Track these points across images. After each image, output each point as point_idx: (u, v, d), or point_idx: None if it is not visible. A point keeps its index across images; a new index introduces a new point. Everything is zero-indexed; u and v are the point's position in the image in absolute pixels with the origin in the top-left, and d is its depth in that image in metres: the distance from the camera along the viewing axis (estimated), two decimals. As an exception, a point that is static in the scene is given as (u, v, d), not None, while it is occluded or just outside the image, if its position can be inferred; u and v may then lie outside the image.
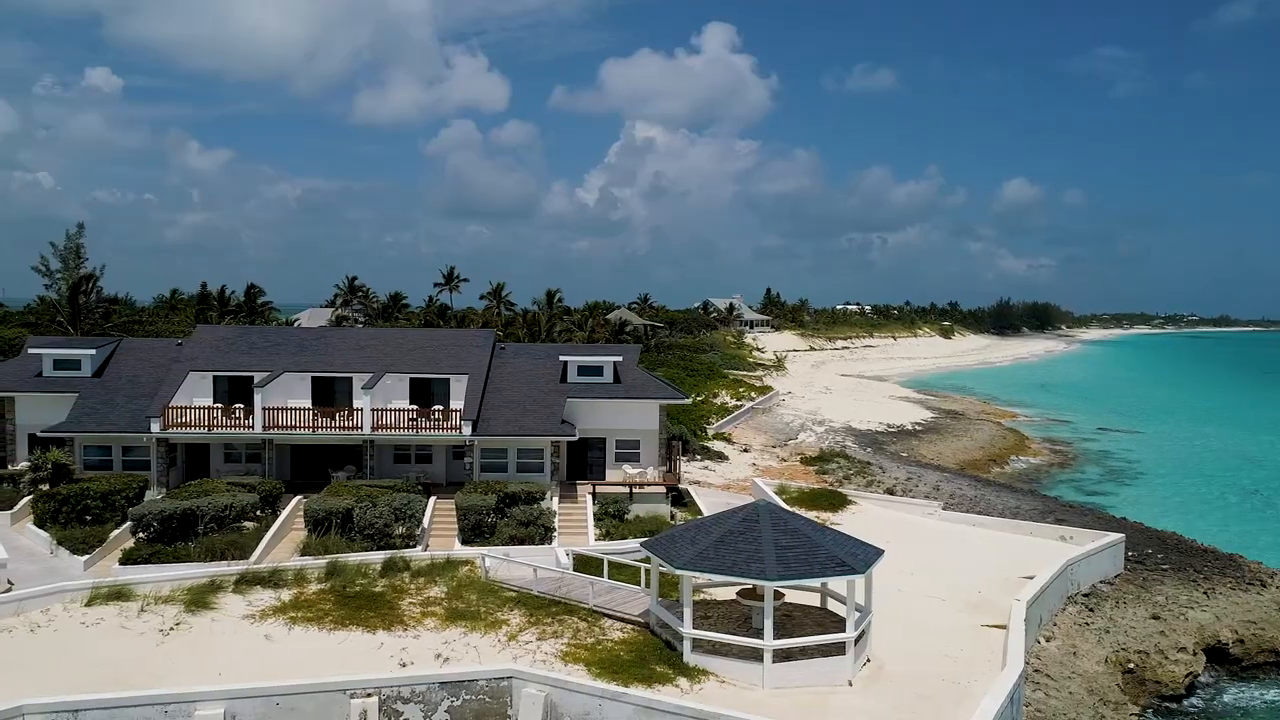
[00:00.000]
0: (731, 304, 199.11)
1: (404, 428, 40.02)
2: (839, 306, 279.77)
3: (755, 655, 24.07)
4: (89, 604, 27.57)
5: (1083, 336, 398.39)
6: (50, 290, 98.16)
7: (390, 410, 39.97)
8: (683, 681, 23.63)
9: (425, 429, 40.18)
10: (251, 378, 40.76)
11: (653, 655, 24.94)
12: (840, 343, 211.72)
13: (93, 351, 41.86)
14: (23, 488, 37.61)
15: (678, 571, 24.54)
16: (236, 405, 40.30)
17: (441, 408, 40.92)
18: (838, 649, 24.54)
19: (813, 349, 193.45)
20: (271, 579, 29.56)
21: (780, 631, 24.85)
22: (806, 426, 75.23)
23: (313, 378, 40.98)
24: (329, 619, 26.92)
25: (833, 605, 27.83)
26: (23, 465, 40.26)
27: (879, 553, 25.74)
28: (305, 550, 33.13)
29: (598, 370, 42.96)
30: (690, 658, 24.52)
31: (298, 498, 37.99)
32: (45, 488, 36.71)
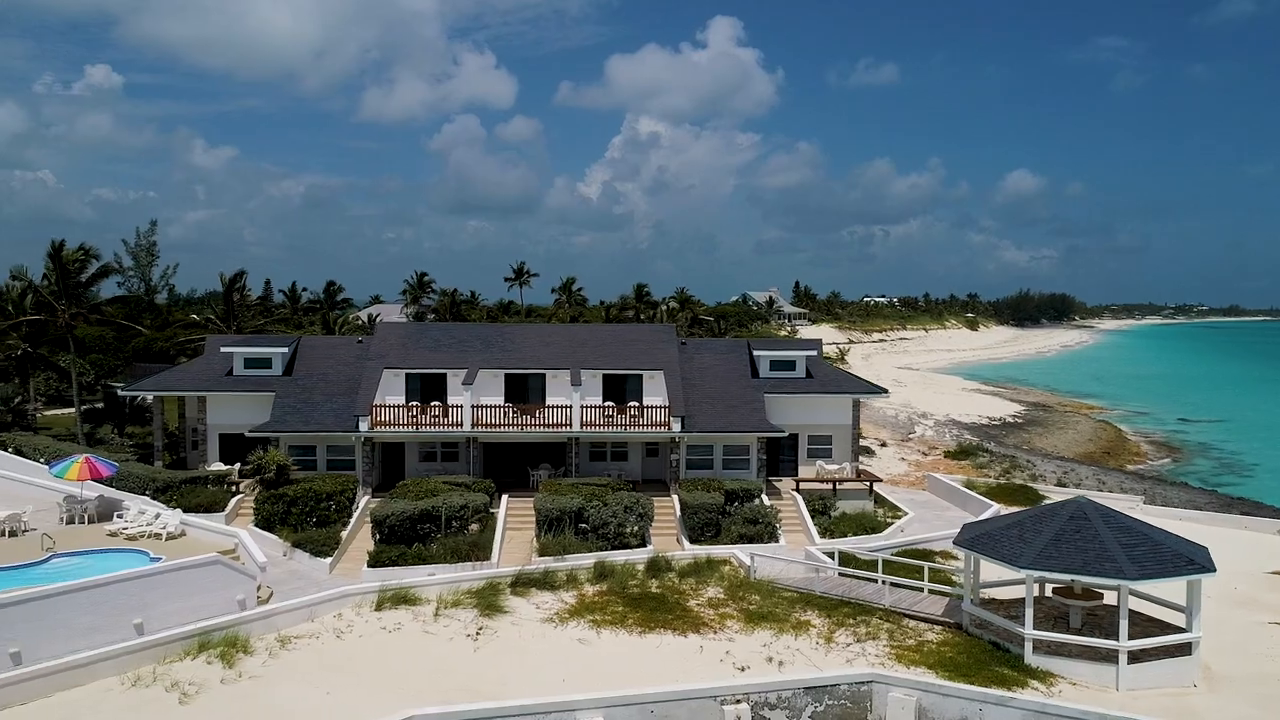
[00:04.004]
0: (770, 297, 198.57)
1: (601, 424, 39.35)
2: (865, 298, 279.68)
3: (1101, 656, 23.47)
4: (378, 608, 26.94)
5: (1101, 327, 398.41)
6: (122, 288, 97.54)
7: (587, 407, 39.28)
8: (1036, 684, 22.99)
9: (620, 425, 39.50)
10: (444, 375, 40.10)
11: (987, 657, 24.29)
12: (876, 335, 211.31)
13: (284, 350, 41.13)
14: (234, 489, 36.95)
15: (1022, 572, 23.86)
16: (434, 403, 39.61)
17: (636, 403, 40.25)
18: (1180, 649, 23.98)
19: (851, 342, 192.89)
20: (545, 581, 28.93)
21: (1094, 632, 24.38)
22: (915, 420, 74.61)
23: (505, 374, 40.27)
24: (630, 621, 26.26)
25: (1131, 603, 27.23)
26: (216, 466, 39.57)
27: (1206, 549, 25.14)
28: (544, 551, 32.45)
29: (790, 365, 42.32)
30: (1031, 659, 23.90)
31: (505, 496, 37.36)
32: (257, 489, 36.02)
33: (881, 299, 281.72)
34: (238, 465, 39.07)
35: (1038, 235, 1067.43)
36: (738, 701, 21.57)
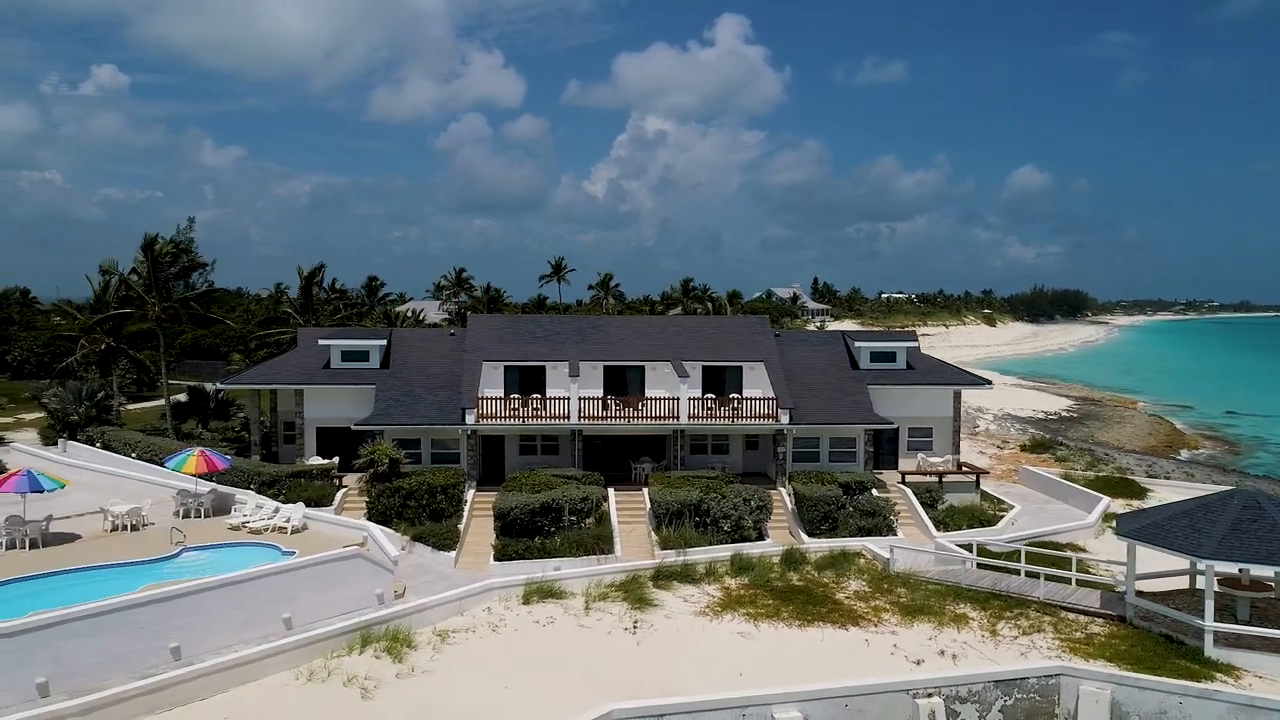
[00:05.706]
0: (794, 293, 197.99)
1: (705, 417, 38.82)
2: (882, 294, 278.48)
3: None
4: (525, 602, 26.45)
5: (1115, 323, 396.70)
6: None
7: (693, 399, 38.73)
8: (1222, 677, 22.44)
9: (725, 418, 38.96)
10: (542, 367, 39.60)
11: (1163, 650, 23.73)
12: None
13: (382, 343, 40.63)
14: (338, 482, 36.46)
15: (1203, 562, 23.30)
16: (534, 395, 39.11)
17: (736, 395, 39.70)
18: (1361, 641, 23.42)
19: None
20: (685, 574, 28.44)
21: (1262, 623, 23.86)
22: (973, 415, 74.00)
23: (604, 366, 39.76)
24: (785, 615, 25.75)
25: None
26: (315, 460, 39.06)
27: (1382, 540, 24.54)
28: (666, 544, 31.89)
29: (890, 356, 41.78)
30: (1212, 652, 23.36)
31: (611, 489, 36.82)
32: (368, 483, 35.53)
33: (900, 295, 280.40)
34: (336, 459, 38.55)
35: (1043, 232, 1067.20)
36: (929, 695, 21.04)
